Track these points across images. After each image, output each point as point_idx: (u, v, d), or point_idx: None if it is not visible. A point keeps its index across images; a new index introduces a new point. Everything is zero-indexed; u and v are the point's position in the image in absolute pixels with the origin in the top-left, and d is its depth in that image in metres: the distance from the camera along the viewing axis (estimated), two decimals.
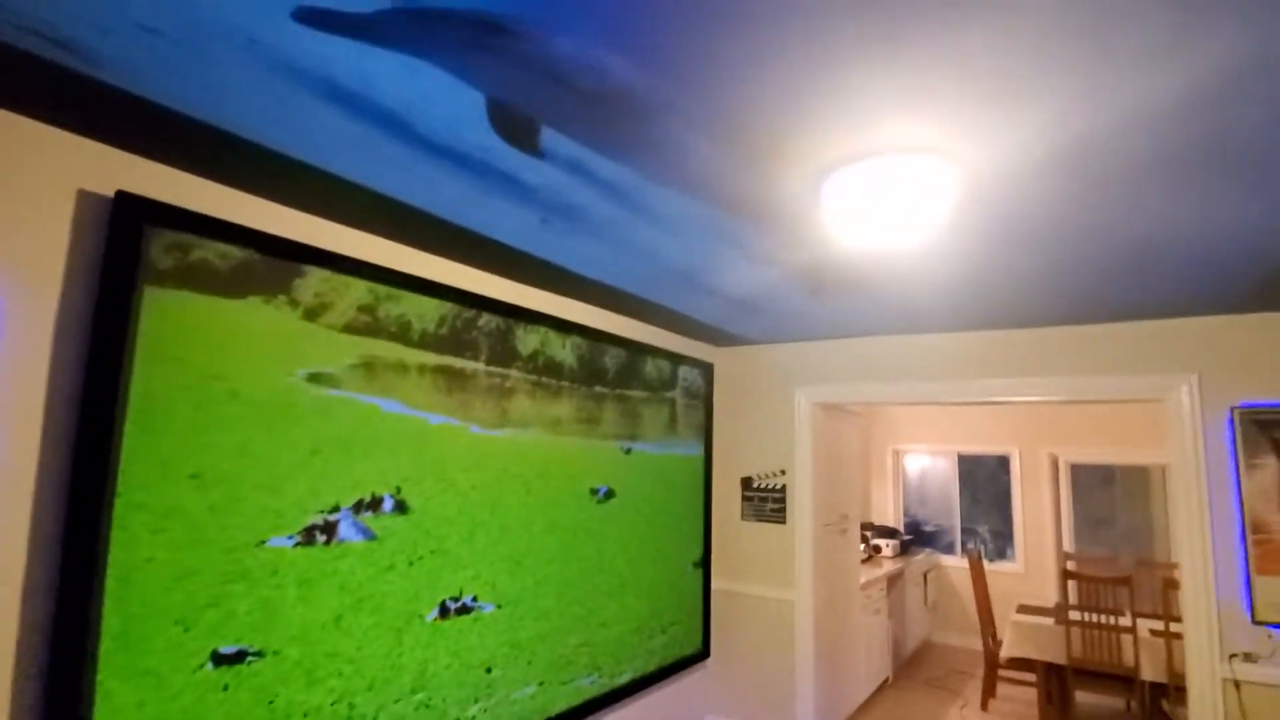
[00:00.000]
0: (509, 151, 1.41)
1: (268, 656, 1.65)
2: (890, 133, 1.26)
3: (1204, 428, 2.69)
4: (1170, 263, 2.05)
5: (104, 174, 1.45)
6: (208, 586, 1.56)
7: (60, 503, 1.35)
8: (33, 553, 1.31)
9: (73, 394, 1.38)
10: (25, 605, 1.30)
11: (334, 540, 1.82)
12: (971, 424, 6.41)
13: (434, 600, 2.11)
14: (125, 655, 1.40)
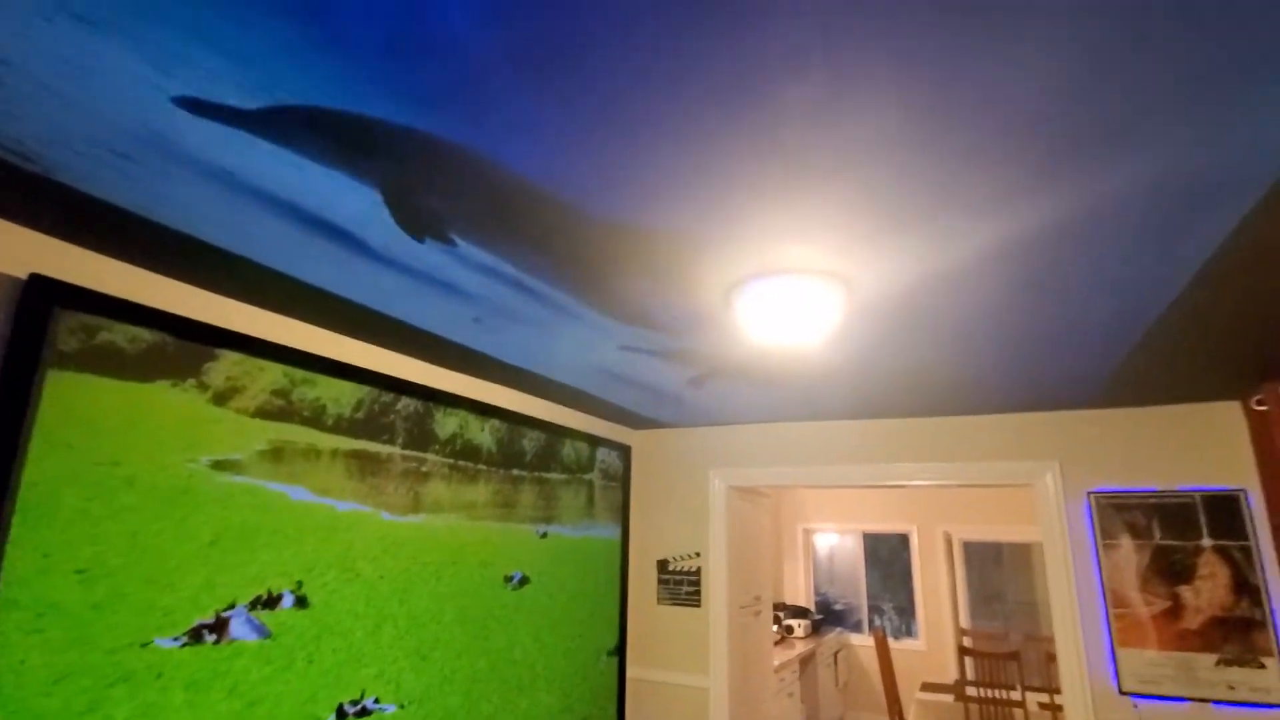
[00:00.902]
0: (422, 248, 1.49)
1: None
2: (790, 256, 1.45)
3: (1067, 510, 3.00)
4: (1032, 364, 2.35)
5: (12, 256, 1.41)
6: (87, 691, 1.42)
7: None
8: None
9: None
10: None
11: (225, 639, 1.71)
12: (874, 503, 6.74)
13: (332, 703, 1.99)
14: None
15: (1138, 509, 2.89)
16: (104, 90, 0.96)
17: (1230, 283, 1.58)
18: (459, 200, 1.25)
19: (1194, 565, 2.76)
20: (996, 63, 0.86)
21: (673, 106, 0.96)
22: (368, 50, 0.86)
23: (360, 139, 1.06)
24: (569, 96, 0.94)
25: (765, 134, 1.01)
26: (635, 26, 0.81)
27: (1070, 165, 1.09)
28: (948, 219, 1.28)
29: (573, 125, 1.01)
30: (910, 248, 1.41)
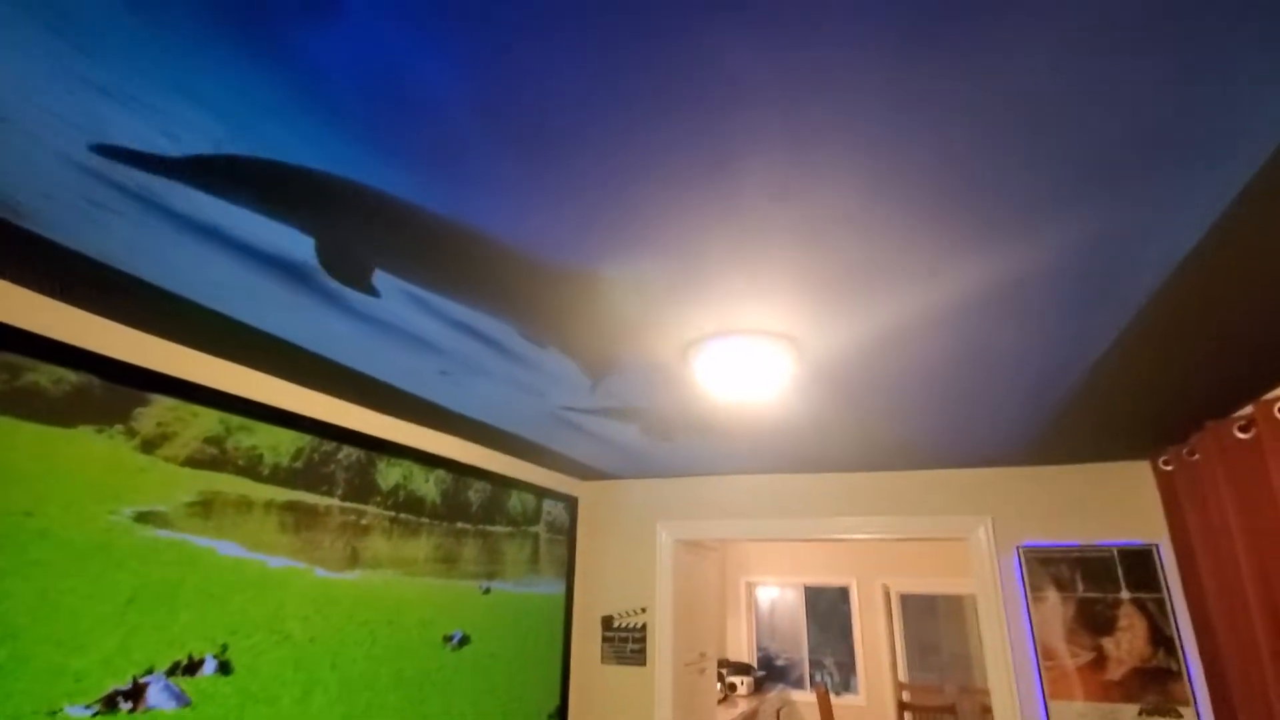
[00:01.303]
0: (379, 299, 1.48)
1: None
2: (746, 317, 1.51)
3: (999, 564, 3.12)
4: (966, 423, 2.48)
5: None
6: None
7: None
8: None
9: None
10: None
11: (141, 708, 1.57)
12: (816, 556, 6.82)
13: None
14: None
15: (1062, 562, 3.04)
16: (34, 127, 0.94)
17: (1137, 355, 1.73)
18: (412, 250, 1.26)
19: (1115, 617, 2.90)
20: (931, 153, 0.95)
21: (639, 174, 1.01)
22: (345, 103, 0.88)
23: (301, 190, 1.07)
24: (537, 156, 0.98)
25: (727, 204, 1.07)
26: (608, 102, 0.86)
27: (993, 240, 1.20)
28: (888, 286, 1.36)
29: (539, 184, 1.04)
30: (855, 312, 1.49)
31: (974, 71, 0.80)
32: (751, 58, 0.77)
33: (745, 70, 0.79)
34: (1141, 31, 0.74)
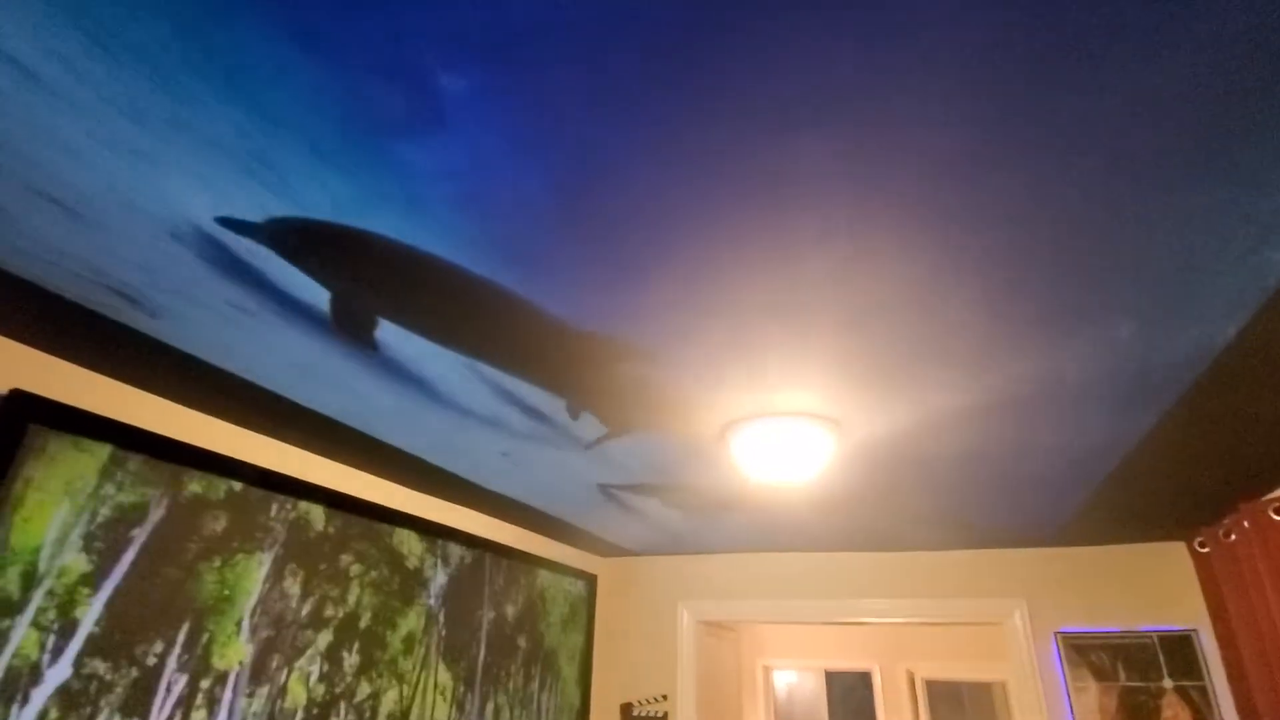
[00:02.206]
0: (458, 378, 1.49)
1: None
2: (791, 400, 1.52)
3: (1035, 650, 2.97)
4: (1000, 505, 2.42)
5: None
6: None
7: None
8: None
9: None
10: None
11: None
12: (836, 639, 6.53)
13: None
14: None
15: (1102, 649, 2.90)
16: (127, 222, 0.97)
17: (1172, 439, 1.72)
18: (464, 317, 1.27)
19: (1158, 707, 2.74)
20: (986, 245, 0.97)
21: (702, 267, 1.04)
22: (430, 199, 0.91)
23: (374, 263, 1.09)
24: (605, 243, 1.00)
25: (783, 294, 1.10)
26: (680, 195, 0.88)
27: (1041, 335, 1.21)
28: (936, 371, 1.37)
29: (603, 269, 1.07)
30: (899, 395, 1.49)
31: (1032, 183, 0.83)
32: (824, 148, 0.80)
33: (816, 162, 0.82)
34: (1177, 168, 0.79)
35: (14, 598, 1.33)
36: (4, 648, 1.31)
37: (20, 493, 1.36)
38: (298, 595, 1.95)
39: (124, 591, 1.52)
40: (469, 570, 2.74)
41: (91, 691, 1.43)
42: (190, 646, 1.64)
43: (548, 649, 3.24)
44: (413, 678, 2.34)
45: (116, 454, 1.54)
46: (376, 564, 2.26)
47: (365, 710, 2.12)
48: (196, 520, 1.70)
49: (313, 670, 1.96)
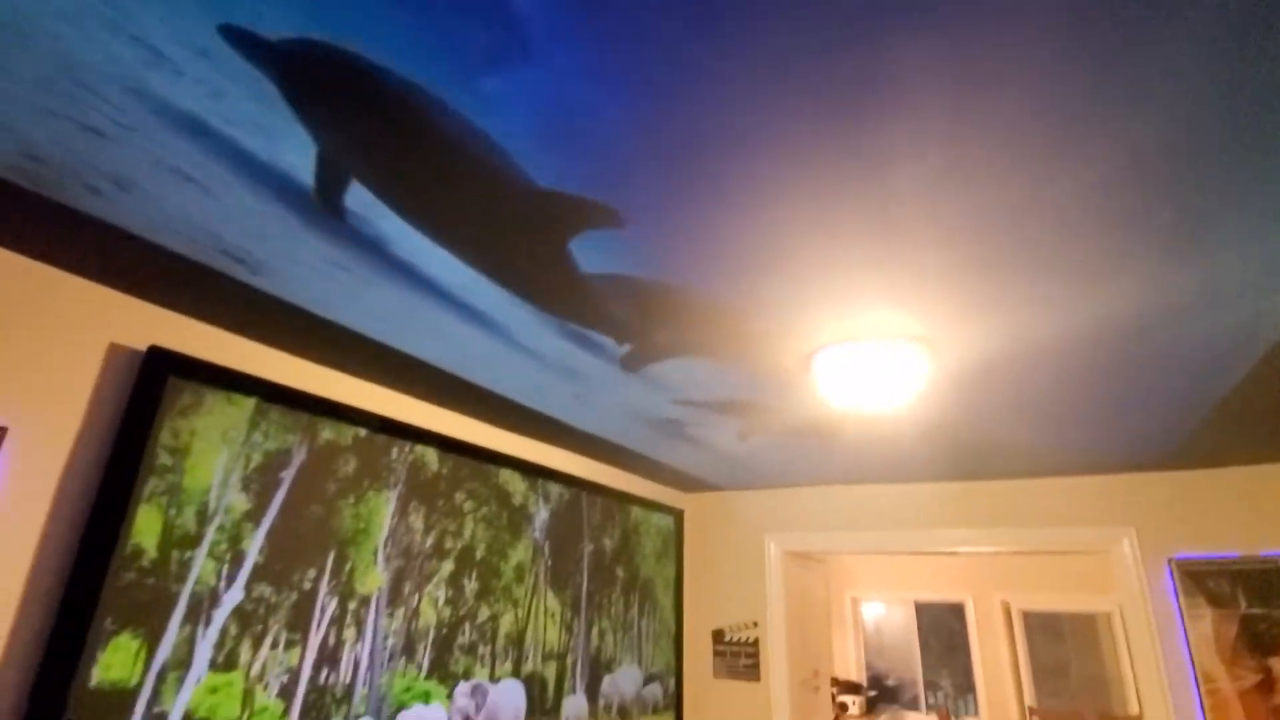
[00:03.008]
0: (520, 317, 1.56)
1: None
2: (881, 322, 1.48)
3: (1147, 578, 2.87)
4: (1108, 427, 2.32)
5: (130, 329, 1.52)
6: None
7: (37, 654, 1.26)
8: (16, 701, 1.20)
9: (71, 538, 1.35)
10: None
11: None
12: (927, 571, 6.49)
13: None
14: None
15: (1221, 576, 2.76)
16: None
17: None
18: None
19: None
20: (1107, 145, 0.91)
21: (793, 189, 1.02)
22: (516, 130, 0.95)
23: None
24: (689, 170, 1.01)
25: (875, 211, 1.07)
26: (772, 122, 0.88)
27: (1164, 249, 1.13)
28: (1043, 288, 1.31)
29: (686, 198, 1.08)
30: (998, 314, 1.44)
31: (1168, 78, 0.77)
32: (921, 50, 0.77)
33: (913, 66, 0.79)
34: None
35: (192, 532, 1.54)
36: (188, 575, 1.52)
37: (186, 442, 1.55)
38: (421, 529, 2.14)
39: (279, 526, 1.71)
40: (567, 507, 2.90)
41: (261, 612, 1.64)
42: (337, 573, 1.84)
43: (644, 579, 3.41)
44: (525, 603, 2.54)
45: (260, 405, 1.72)
46: (486, 501, 2.44)
47: (487, 630, 2.33)
48: (331, 463, 1.88)
49: (439, 595, 2.16)
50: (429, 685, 2.07)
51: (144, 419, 1.46)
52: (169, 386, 1.53)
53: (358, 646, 1.86)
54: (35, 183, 1.08)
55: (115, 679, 1.35)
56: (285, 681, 1.66)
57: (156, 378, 1.50)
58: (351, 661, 1.84)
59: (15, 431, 1.29)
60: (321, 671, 1.75)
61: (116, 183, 1.07)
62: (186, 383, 1.56)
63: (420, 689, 2.04)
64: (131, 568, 1.41)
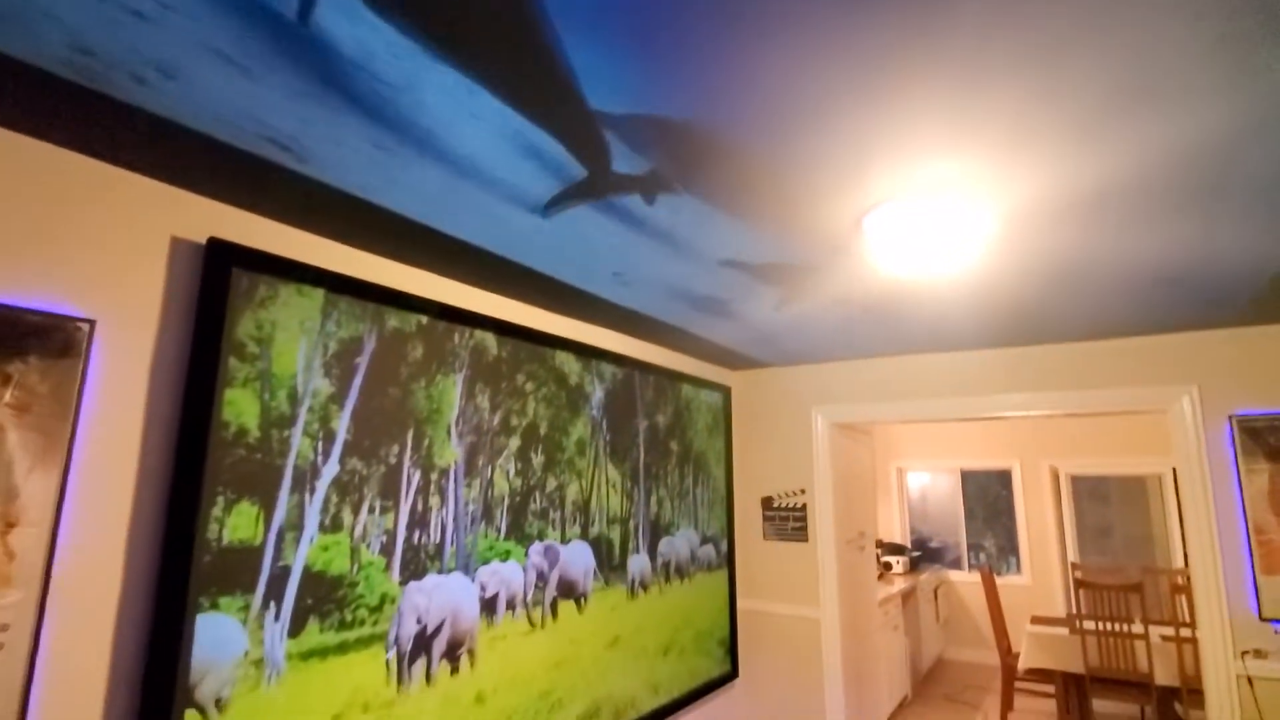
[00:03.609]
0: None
1: None
2: (936, 175, 1.43)
3: (1205, 436, 2.86)
4: (1175, 283, 2.23)
5: (188, 223, 1.59)
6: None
7: (158, 529, 1.44)
8: (126, 593, 1.41)
9: (171, 417, 1.49)
10: (117, 647, 1.39)
11: None
12: (973, 440, 6.57)
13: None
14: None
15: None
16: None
17: None
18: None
19: None
20: None
21: (847, 19, 0.97)
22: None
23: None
24: (744, 11, 0.96)
25: (938, 40, 1.00)
26: None
27: (1249, 70, 1.03)
28: (1119, 118, 1.22)
29: (730, 49, 1.03)
30: (1072, 158, 1.36)
31: None
32: None
33: None
34: None
35: (286, 413, 1.68)
36: (289, 451, 1.67)
37: (269, 332, 1.66)
38: (488, 409, 2.27)
39: (361, 407, 1.85)
40: (621, 385, 3.01)
41: (356, 482, 1.82)
42: (417, 449, 2.00)
43: (697, 452, 3.58)
44: (588, 474, 2.72)
45: (329, 296, 1.80)
46: (545, 382, 2.55)
47: (555, 498, 2.52)
48: (400, 349, 1.99)
49: (510, 468, 2.33)
50: (508, 545, 2.29)
51: (215, 308, 1.54)
52: (233, 278, 1.59)
53: (443, 512, 2.05)
54: (85, 76, 1.10)
55: (242, 538, 1.54)
56: (384, 541, 1.87)
57: (220, 269, 1.56)
58: (439, 525, 2.03)
59: (103, 325, 1.40)
60: (414, 533, 1.95)
61: (161, 70, 1.09)
62: (248, 274, 1.62)
63: (501, 548, 2.25)
64: (240, 444, 1.56)
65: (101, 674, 1.35)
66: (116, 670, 1.36)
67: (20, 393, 1.25)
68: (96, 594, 1.35)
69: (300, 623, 1.64)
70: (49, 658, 1.28)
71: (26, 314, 1.28)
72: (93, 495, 1.36)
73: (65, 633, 1.30)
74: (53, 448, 1.29)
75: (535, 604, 2.37)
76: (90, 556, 1.35)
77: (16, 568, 1.22)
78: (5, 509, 1.22)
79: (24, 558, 1.23)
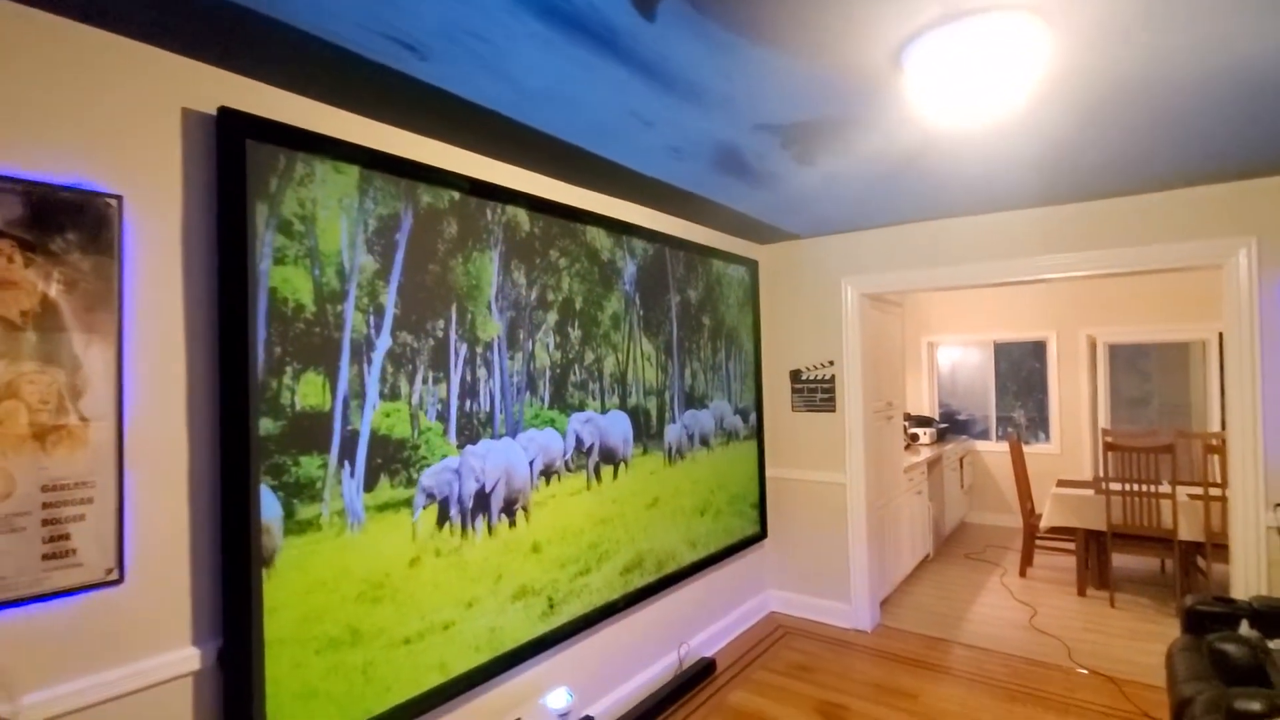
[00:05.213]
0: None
1: None
2: None
3: (1260, 290, 2.76)
4: (1255, 95, 2.04)
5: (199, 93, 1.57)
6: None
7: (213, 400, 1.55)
8: (193, 447, 1.53)
9: (209, 293, 1.55)
10: (193, 494, 1.54)
11: None
12: (1008, 310, 6.47)
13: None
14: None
15: None
16: None
17: None
18: None
19: None
20: None
21: None
22: None
23: None
24: None
25: None
26: None
27: None
28: None
29: None
30: None
31: None
32: None
33: None
34: None
35: (337, 289, 1.74)
36: (344, 325, 1.75)
37: (311, 210, 1.68)
38: (524, 284, 2.31)
39: (406, 283, 1.91)
40: (652, 261, 3.01)
41: (408, 354, 1.91)
42: (461, 323, 2.07)
43: (729, 327, 3.62)
44: (624, 348, 2.79)
45: (364, 173, 1.80)
46: (578, 258, 2.57)
47: (593, 369, 2.61)
48: (436, 225, 2.00)
49: (549, 341, 2.41)
50: (552, 414, 2.41)
51: (234, 180, 1.53)
52: (249, 149, 1.56)
53: (490, 382, 2.16)
54: None
55: (313, 404, 1.66)
56: (439, 409, 1.98)
57: (234, 140, 1.54)
58: (488, 394, 2.14)
59: (130, 200, 1.42)
60: (466, 401, 2.07)
61: None
62: (266, 145, 1.59)
63: (546, 416, 2.38)
64: (300, 319, 1.64)
65: (183, 520, 1.51)
66: (197, 514, 1.51)
67: (66, 269, 1.31)
68: (167, 449, 1.48)
69: (374, 479, 1.79)
70: (136, 507, 1.42)
71: (58, 191, 1.31)
72: (149, 362, 1.45)
73: (146, 486, 1.44)
74: (104, 320, 1.37)
75: (579, 468, 2.53)
76: (156, 413, 1.46)
77: (92, 431, 1.34)
78: (72, 379, 1.32)
79: (96, 422, 1.35)
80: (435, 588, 1.94)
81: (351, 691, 1.69)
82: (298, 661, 1.59)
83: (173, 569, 1.47)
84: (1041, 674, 3.19)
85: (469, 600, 2.04)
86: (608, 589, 2.63)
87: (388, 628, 1.80)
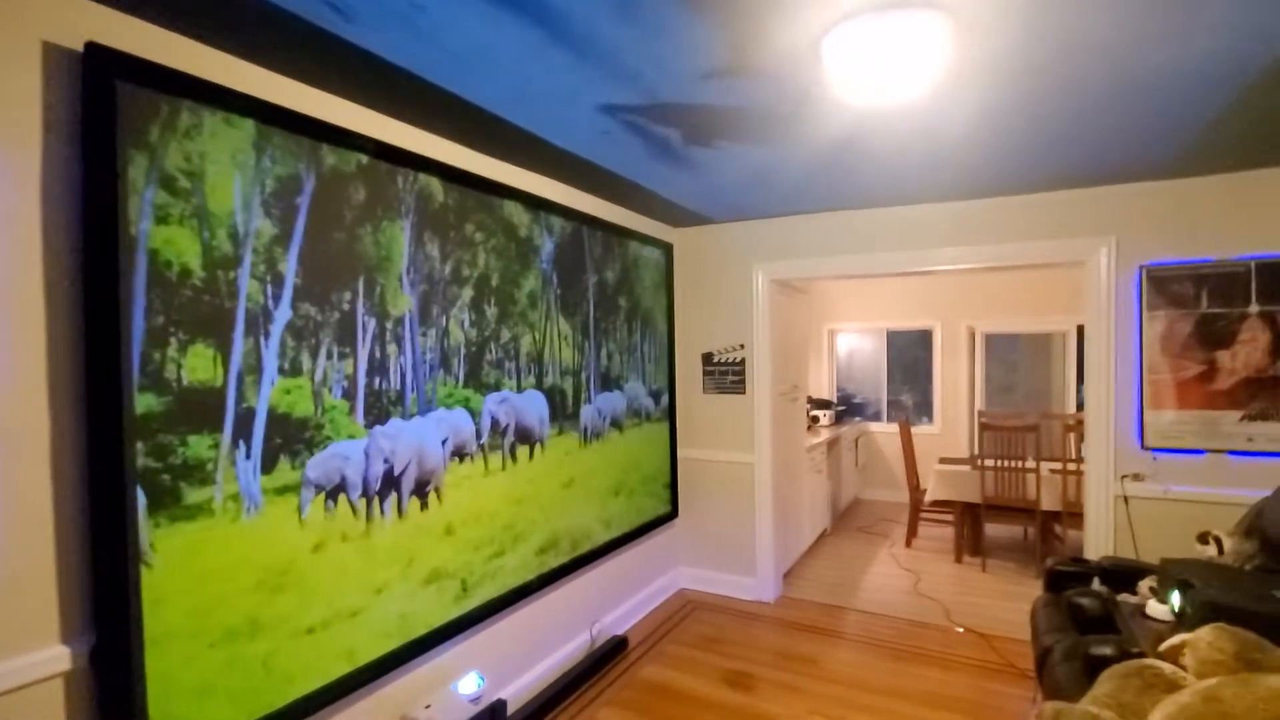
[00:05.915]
0: None
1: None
2: None
3: (1116, 285, 3.10)
4: (1110, 125, 2.28)
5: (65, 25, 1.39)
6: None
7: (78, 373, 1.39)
8: (55, 424, 1.38)
9: (72, 241, 1.38)
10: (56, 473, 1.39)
11: None
12: (900, 302, 6.92)
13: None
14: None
15: (1188, 280, 2.97)
16: None
17: None
18: None
19: (1235, 331, 2.90)
20: None
21: None
22: None
23: None
24: None
25: None
26: None
27: None
28: None
29: None
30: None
31: None
32: None
33: None
34: None
35: (230, 254, 1.59)
36: (238, 294, 1.61)
37: (199, 165, 1.53)
38: (438, 258, 2.22)
39: (308, 250, 1.77)
40: (570, 240, 2.97)
41: (311, 328, 1.78)
42: (369, 296, 1.96)
43: (645, 309, 3.64)
44: (540, 327, 2.74)
45: (260, 129, 1.66)
46: (494, 233, 2.49)
47: (510, 349, 2.55)
48: (342, 190, 1.88)
49: (464, 318, 2.33)
50: (467, 393, 2.34)
51: (105, 125, 1.36)
52: (122, 94, 1.38)
53: (401, 359, 2.06)
54: None
55: (202, 379, 1.52)
56: (346, 386, 1.87)
57: (103, 80, 1.36)
58: (398, 371, 2.04)
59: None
60: (374, 379, 1.96)
61: None
62: (146, 91, 1.42)
63: (460, 395, 2.30)
64: (185, 285, 1.49)
65: (46, 505, 1.35)
66: (61, 499, 1.37)
67: None
68: (25, 427, 1.31)
69: (272, 461, 1.66)
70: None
71: None
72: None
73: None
74: None
75: (494, 448, 2.47)
76: (7, 388, 1.29)
77: None
78: None
79: None
80: (342, 573, 1.84)
81: (251, 685, 1.58)
82: (189, 656, 1.47)
83: (34, 560, 1.31)
84: (924, 634, 3.46)
85: (378, 586, 1.95)
86: (523, 570, 2.60)
87: (291, 617, 1.69)
